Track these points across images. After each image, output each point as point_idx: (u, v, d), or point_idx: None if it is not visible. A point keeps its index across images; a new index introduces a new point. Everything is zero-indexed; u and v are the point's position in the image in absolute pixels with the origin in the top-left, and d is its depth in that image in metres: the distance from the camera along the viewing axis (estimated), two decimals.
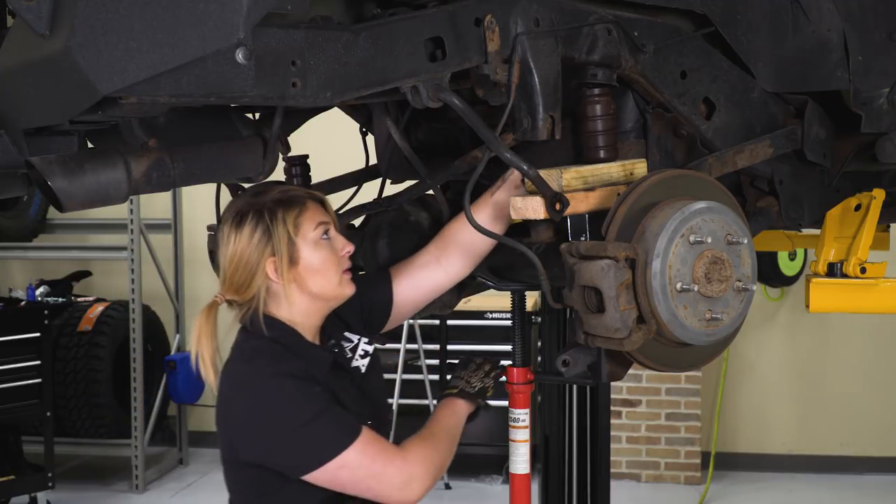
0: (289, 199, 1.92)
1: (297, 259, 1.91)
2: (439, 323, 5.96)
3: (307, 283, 1.92)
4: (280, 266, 1.89)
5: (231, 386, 1.89)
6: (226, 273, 1.93)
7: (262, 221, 1.89)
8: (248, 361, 1.89)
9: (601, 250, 1.58)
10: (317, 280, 1.92)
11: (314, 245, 1.92)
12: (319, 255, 1.92)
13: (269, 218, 1.89)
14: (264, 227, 1.89)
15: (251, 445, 1.85)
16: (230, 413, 1.89)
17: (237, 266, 1.90)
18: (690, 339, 1.65)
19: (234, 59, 1.37)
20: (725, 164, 1.99)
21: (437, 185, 2.21)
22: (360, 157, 2.51)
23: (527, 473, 2.56)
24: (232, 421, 1.88)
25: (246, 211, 1.91)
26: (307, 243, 1.91)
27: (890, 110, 2.11)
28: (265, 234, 1.89)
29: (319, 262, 1.92)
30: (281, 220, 1.89)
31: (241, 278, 1.91)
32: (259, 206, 1.91)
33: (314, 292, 1.93)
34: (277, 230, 1.89)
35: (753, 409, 6.38)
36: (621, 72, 1.81)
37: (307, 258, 1.91)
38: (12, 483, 5.10)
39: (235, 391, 1.88)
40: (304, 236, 1.91)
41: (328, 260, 1.93)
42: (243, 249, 1.89)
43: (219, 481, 2.01)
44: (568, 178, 1.71)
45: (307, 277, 1.92)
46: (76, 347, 5.97)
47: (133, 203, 5.92)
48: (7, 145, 1.70)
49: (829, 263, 2.37)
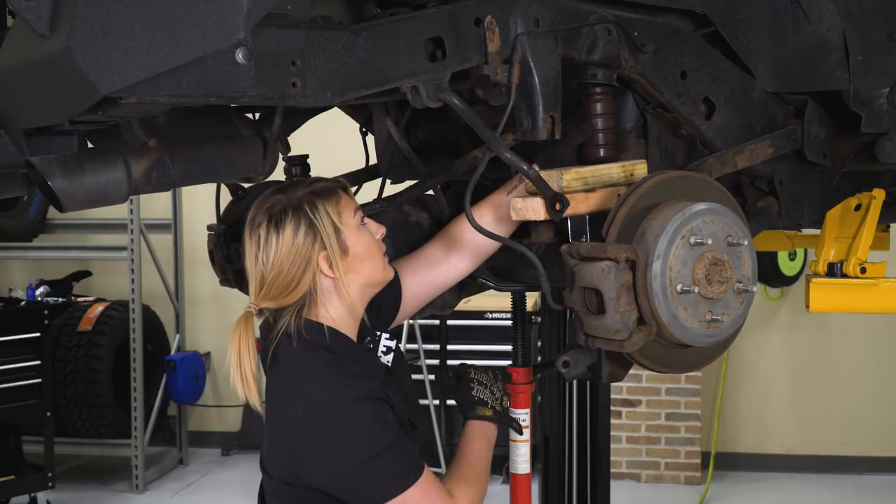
0: (324, 190, 1.85)
1: (346, 248, 1.84)
2: (439, 323, 5.96)
3: (358, 271, 1.85)
4: (334, 258, 1.81)
5: (304, 408, 1.77)
6: (265, 279, 1.82)
7: (304, 216, 1.81)
8: (319, 381, 1.79)
9: (602, 251, 1.58)
10: (365, 267, 1.86)
11: (357, 231, 1.86)
12: (364, 240, 1.87)
13: (311, 212, 1.81)
14: (308, 221, 1.80)
15: (319, 471, 1.76)
16: (300, 436, 1.76)
17: (282, 269, 1.80)
18: (691, 341, 1.65)
19: (234, 59, 1.37)
20: (725, 164, 1.99)
21: (437, 185, 2.21)
22: (360, 157, 2.51)
23: (527, 473, 2.56)
24: (301, 444, 1.76)
25: (281, 209, 1.82)
26: (351, 231, 1.85)
27: (890, 110, 2.11)
28: (311, 229, 1.80)
29: (365, 248, 1.86)
30: (324, 211, 1.82)
31: (286, 281, 1.81)
32: (294, 201, 1.82)
33: (364, 281, 1.87)
34: (323, 223, 1.81)
35: (753, 409, 6.38)
36: (621, 72, 1.81)
37: (354, 246, 1.85)
38: (12, 483, 5.10)
39: (309, 414, 1.76)
40: (346, 224, 1.84)
41: (372, 244, 1.88)
42: (288, 250, 1.80)
43: (218, 481, 2.01)
44: (568, 178, 1.71)
45: (358, 265, 1.85)
46: (76, 347, 5.97)
47: (133, 203, 5.92)
48: (7, 145, 1.70)
49: (829, 263, 2.37)
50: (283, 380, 1.82)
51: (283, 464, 1.81)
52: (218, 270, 2.55)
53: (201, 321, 6.84)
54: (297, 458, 1.77)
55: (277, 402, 1.82)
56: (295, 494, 1.82)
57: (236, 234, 2.47)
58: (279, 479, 1.84)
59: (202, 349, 6.75)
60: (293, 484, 1.81)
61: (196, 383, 6.39)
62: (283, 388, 1.81)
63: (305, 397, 1.78)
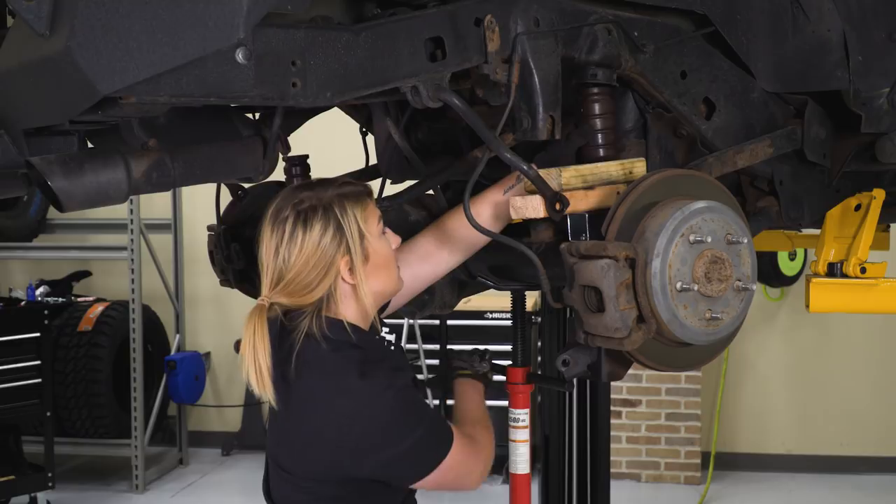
0: (354, 194, 1.85)
1: (368, 255, 1.84)
2: (439, 323, 5.96)
3: (376, 279, 1.87)
4: (355, 265, 1.82)
5: (352, 404, 1.79)
6: (283, 275, 1.81)
7: (333, 218, 1.80)
8: (363, 376, 1.80)
9: (601, 250, 1.58)
10: (381, 276, 1.88)
11: (379, 240, 1.87)
12: (384, 249, 1.88)
13: (341, 214, 1.81)
14: (336, 223, 1.80)
15: (371, 460, 1.80)
16: (350, 430, 1.78)
17: (304, 268, 1.80)
18: (690, 339, 1.65)
19: (235, 60, 1.37)
20: (725, 163, 1.98)
21: (437, 185, 2.21)
22: (360, 157, 2.51)
23: (527, 473, 2.56)
24: (352, 438, 1.79)
25: (310, 206, 1.81)
26: (374, 238, 1.86)
27: (890, 110, 2.10)
28: (338, 232, 1.80)
29: (384, 258, 1.87)
30: (352, 215, 1.82)
31: (308, 281, 1.81)
32: (325, 201, 1.82)
33: (379, 289, 1.89)
34: (350, 227, 1.81)
35: (753, 409, 6.38)
36: (621, 72, 1.81)
37: (375, 254, 1.85)
38: (12, 483, 5.10)
39: (359, 409, 1.78)
40: (371, 231, 1.85)
41: (390, 255, 1.90)
42: (314, 250, 1.79)
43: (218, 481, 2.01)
44: (567, 176, 1.71)
45: (375, 273, 1.86)
46: (76, 347, 5.97)
47: (133, 203, 5.92)
48: (7, 145, 1.70)
49: (829, 263, 2.37)
50: (322, 381, 1.82)
51: (322, 460, 1.82)
52: (218, 270, 2.55)
53: (201, 321, 6.84)
54: (345, 452, 1.80)
55: (316, 404, 1.82)
56: (325, 489, 1.85)
57: (236, 235, 2.47)
58: (305, 476, 1.86)
59: (202, 349, 6.75)
60: (324, 480, 1.84)
61: (196, 383, 6.39)
62: (321, 389, 1.82)
63: (350, 394, 1.80)
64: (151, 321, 6.42)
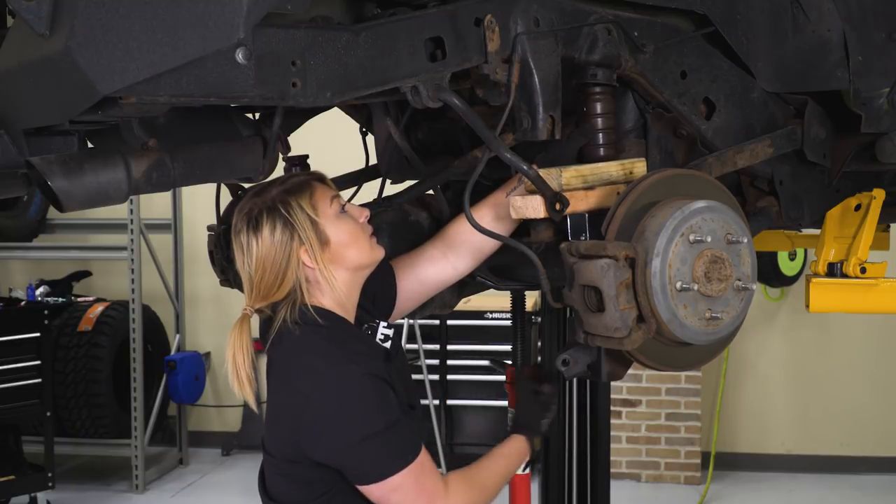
0: (296, 186, 1.90)
1: (326, 239, 1.89)
2: (439, 323, 5.96)
3: (343, 258, 1.90)
4: (313, 252, 1.87)
5: (309, 383, 1.82)
6: (252, 281, 1.89)
7: (279, 216, 1.86)
8: (324, 356, 1.84)
9: (601, 249, 1.58)
10: (351, 252, 1.91)
11: (336, 220, 1.91)
12: (345, 227, 1.91)
13: (285, 209, 1.86)
14: (283, 220, 1.86)
15: (321, 444, 1.81)
16: (305, 409, 1.81)
17: (265, 268, 1.87)
18: (690, 339, 1.65)
19: (235, 60, 1.37)
20: (725, 163, 1.98)
21: (436, 185, 2.21)
22: (360, 157, 2.51)
23: (526, 473, 2.57)
24: (306, 417, 1.81)
25: (257, 212, 1.88)
26: (330, 221, 1.90)
27: (890, 110, 2.10)
28: (287, 227, 1.86)
29: (348, 235, 1.91)
30: (297, 207, 1.87)
31: (272, 279, 1.87)
32: (269, 202, 1.88)
33: (351, 265, 1.92)
34: (298, 218, 1.86)
35: (753, 409, 6.38)
36: (621, 72, 1.81)
37: (336, 234, 1.89)
38: (12, 483, 5.10)
39: (315, 387, 1.81)
40: (324, 215, 1.89)
41: (355, 230, 1.93)
42: (268, 249, 1.86)
43: (218, 481, 2.02)
44: (567, 176, 1.71)
45: (342, 253, 1.90)
46: (76, 347, 5.97)
47: (133, 203, 5.92)
48: (7, 145, 1.70)
49: (829, 263, 2.37)
50: (286, 357, 1.88)
51: (287, 439, 1.86)
52: (218, 271, 2.55)
53: (201, 321, 6.84)
54: (301, 432, 1.82)
55: (281, 380, 1.87)
56: (298, 472, 1.87)
57: None
58: (282, 456, 1.89)
59: (202, 349, 6.75)
60: (296, 461, 1.86)
61: (196, 383, 6.39)
62: (286, 366, 1.87)
63: (310, 372, 1.84)
64: (151, 321, 6.42)
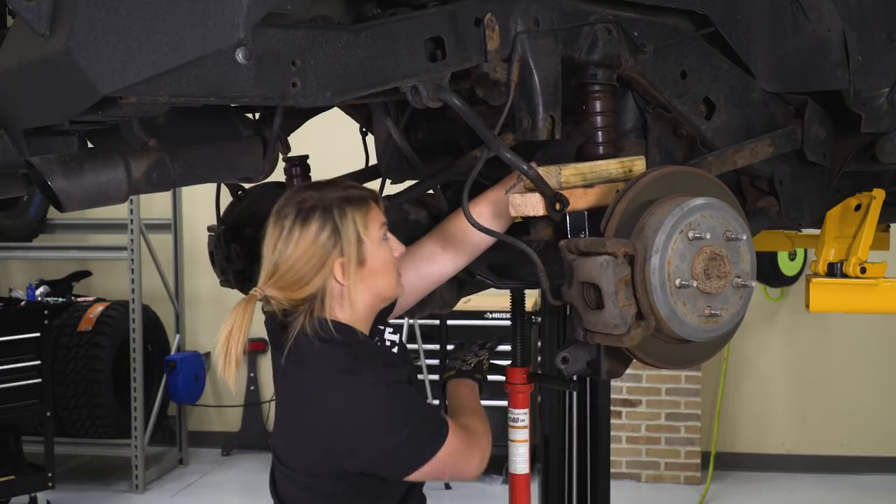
0: (356, 198, 1.89)
1: (364, 260, 1.87)
2: (439, 323, 5.97)
3: (372, 283, 1.90)
4: (348, 267, 1.86)
5: (343, 399, 1.83)
6: (278, 268, 1.86)
7: (330, 219, 1.85)
8: (350, 373, 1.84)
9: (600, 246, 1.58)
10: (379, 281, 1.91)
11: (379, 245, 1.90)
12: (383, 255, 1.91)
13: (339, 216, 1.85)
14: (333, 225, 1.85)
15: (364, 454, 1.83)
16: (342, 425, 1.83)
17: (298, 263, 1.84)
18: (689, 336, 1.65)
19: (235, 59, 1.37)
20: (725, 162, 1.98)
21: (436, 185, 2.21)
22: (360, 157, 2.51)
23: (526, 473, 2.56)
24: (344, 432, 1.83)
25: (310, 205, 1.86)
26: (373, 243, 1.89)
27: (890, 110, 2.10)
28: (335, 233, 1.85)
29: (382, 263, 1.90)
30: (351, 219, 1.86)
31: (299, 276, 1.85)
32: (325, 202, 1.86)
33: (376, 292, 1.92)
34: (348, 230, 1.85)
35: (753, 409, 6.38)
36: (621, 72, 1.81)
37: (373, 259, 1.88)
38: (12, 483, 5.10)
39: (346, 407, 1.83)
40: (370, 236, 1.88)
41: (389, 261, 1.92)
42: (308, 246, 1.84)
43: (218, 481, 2.02)
44: (566, 174, 1.71)
45: (372, 278, 1.89)
46: (76, 347, 5.97)
47: (133, 203, 5.92)
48: (7, 145, 1.70)
49: (829, 263, 2.37)
50: (310, 375, 1.87)
51: (317, 455, 1.86)
52: (218, 271, 2.55)
53: (201, 321, 6.84)
54: (338, 447, 1.83)
55: (306, 398, 1.87)
56: (321, 485, 1.89)
57: (236, 235, 2.47)
58: (304, 471, 1.90)
59: (202, 349, 6.75)
60: (320, 475, 1.88)
61: (196, 383, 6.39)
62: (314, 385, 1.87)
63: (342, 389, 1.84)
64: (151, 321, 6.42)
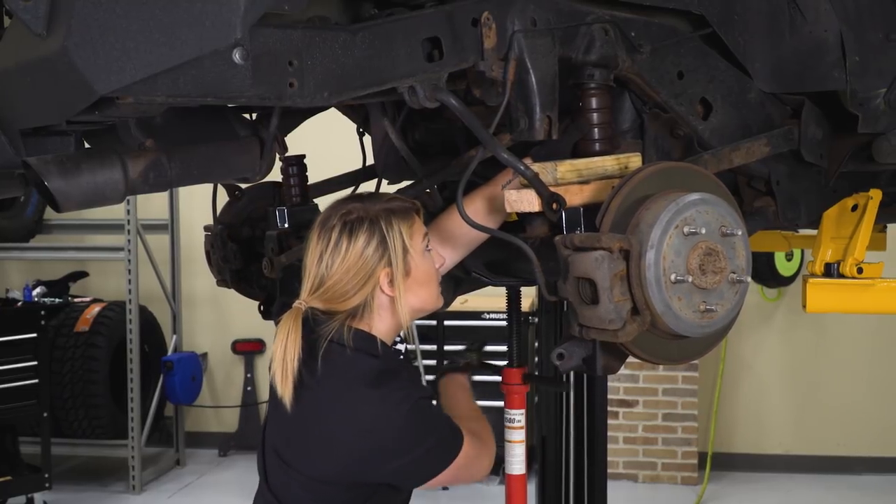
0: (401, 209, 1.90)
1: (409, 270, 1.88)
2: (436, 323, 5.96)
3: (414, 294, 1.90)
4: (395, 277, 1.86)
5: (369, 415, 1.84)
6: (324, 281, 1.86)
7: (377, 231, 1.85)
8: (380, 387, 1.85)
9: (595, 241, 1.58)
10: (421, 292, 1.92)
11: (423, 256, 1.91)
12: (426, 266, 1.92)
13: (386, 227, 1.86)
14: (381, 237, 1.85)
15: (389, 466, 1.85)
16: (369, 437, 1.84)
17: (345, 276, 1.85)
18: (685, 331, 1.65)
19: (232, 60, 1.37)
20: (721, 161, 1.98)
21: (433, 185, 2.21)
22: (356, 157, 2.51)
23: (522, 474, 2.56)
24: (369, 445, 1.84)
25: (356, 218, 1.86)
26: (418, 254, 1.89)
27: (887, 110, 2.10)
28: (382, 245, 1.85)
29: (425, 274, 1.91)
30: (397, 230, 1.86)
31: (346, 289, 1.86)
32: (371, 214, 1.87)
33: (418, 305, 1.93)
34: (395, 241, 1.86)
35: (750, 410, 6.38)
36: (618, 72, 1.81)
37: (417, 270, 1.89)
38: (9, 483, 5.10)
39: (375, 421, 1.83)
40: (415, 247, 1.89)
41: (432, 272, 1.93)
42: (356, 259, 1.84)
43: (215, 482, 2.02)
44: (562, 170, 1.71)
45: (415, 289, 1.90)
46: (73, 348, 5.96)
47: (130, 203, 5.92)
48: (4, 145, 1.69)
49: (825, 264, 2.37)
50: (342, 387, 1.87)
51: (334, 464, 1.86)
52: (215, 271, 2.55)
53: (198, 322, 6.84)
54: (358, 459, 1.85)
55: (334, 409, 1.86)
56: (327, 492, 1.90)
57: (233, 235, 2.47)
58: (312, 475, 1.90)
59: (199, 350, 6.75)
60: (330, 483, 1.88)
61: (193, 384, 6.39)
62: (341, 396, 1.86)
63: (369, 403, 1.85)
64: (148, 322, 6.41)
